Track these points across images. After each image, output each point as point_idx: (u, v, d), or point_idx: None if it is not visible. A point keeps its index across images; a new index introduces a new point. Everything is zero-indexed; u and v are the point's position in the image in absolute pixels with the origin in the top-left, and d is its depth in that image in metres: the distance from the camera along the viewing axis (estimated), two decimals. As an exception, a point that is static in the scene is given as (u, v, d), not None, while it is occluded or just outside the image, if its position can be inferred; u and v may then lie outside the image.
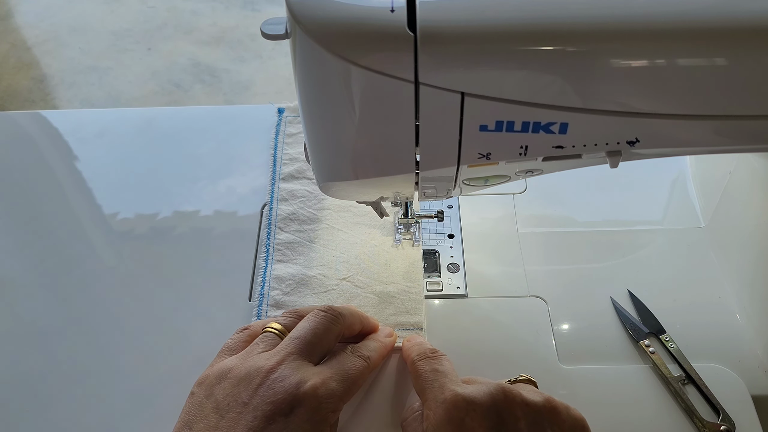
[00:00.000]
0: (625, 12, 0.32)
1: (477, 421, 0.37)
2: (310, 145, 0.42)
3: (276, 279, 0.53)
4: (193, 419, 0.39)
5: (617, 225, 0.58)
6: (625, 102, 0.34)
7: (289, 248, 0.56)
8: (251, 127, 0.67)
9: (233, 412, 0.38)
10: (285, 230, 0.57)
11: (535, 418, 0.38)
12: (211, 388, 0.40)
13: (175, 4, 2.08)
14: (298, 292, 0.53)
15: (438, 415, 0.38)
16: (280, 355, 0.40)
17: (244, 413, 0.38)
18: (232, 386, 0.40)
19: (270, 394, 0.38)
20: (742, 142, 0.38)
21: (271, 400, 0.38)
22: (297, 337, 0.42)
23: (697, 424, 0.44)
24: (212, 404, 0.39)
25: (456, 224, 0.58)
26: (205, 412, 0.39)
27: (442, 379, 0.40)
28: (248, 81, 1.83)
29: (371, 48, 0.33)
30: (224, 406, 0.39)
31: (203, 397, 0.40)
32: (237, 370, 0.40)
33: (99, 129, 0.67)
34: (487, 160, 0.38)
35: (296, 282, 0.53)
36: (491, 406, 0.38)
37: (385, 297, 0.52)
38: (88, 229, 0.59)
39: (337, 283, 0.53)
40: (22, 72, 1.88)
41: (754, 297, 0.50)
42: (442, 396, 0.39)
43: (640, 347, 0.49)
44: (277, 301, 0.52)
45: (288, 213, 0.58)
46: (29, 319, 0.52)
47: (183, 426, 0.39)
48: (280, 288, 0.53)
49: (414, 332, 0.49)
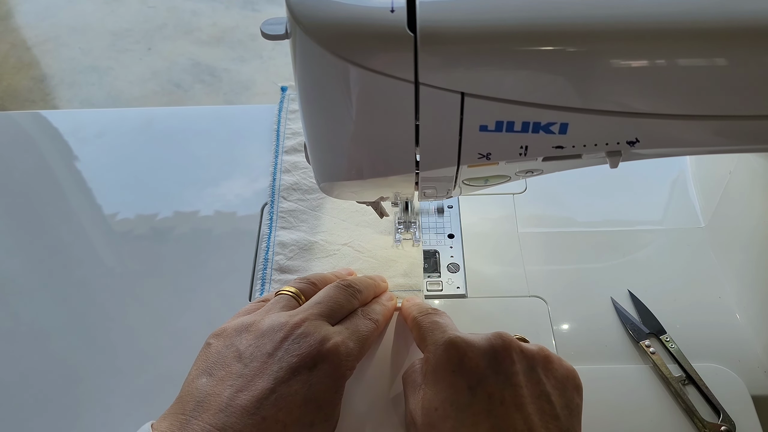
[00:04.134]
0: (625, 12, 0.32)
1: (475, 360, 0.39)
2: (310, 145, 0.42)
3: (280, 245, 0.55)
4: (213, 366, 0.40)
5: (617, 225, 0.58)
6: (625, 102, 0.34)
7: (292, 216, 0.58)
8: (251, 128, 0.67)
9: (257, 362, 0.39)
10: (288, 199, 0.59)
11: (530, 363, 0.40)
12: (230, 338, 0.41)
13: (175, 4, 2.08)
14: (301, 257, 0.55)
15: (437, 356, 0.40)
16: (303, 314, 0.42)
17: (269, 363, 0.39)
18: (255, 338, 0.41)
19: (295, 347, 0.40)
20: (742, 142, 0.38)
21: (297, 354, 0.39)
22: (319, 302, 0.44)
23: (698, 425, 0.44)
24: (233, 353, 0.40)
25: (456, 224, 0.58)
26: (227, 361, 0.40)
27: (441, 327, 0.43)
28: (248, 81, 1.83)
29: (371, 48, 0.33)
30: (247, 356, 0.40)
31: (223, 347, 0.41)
32: (259, 324, 0.42)
33: (99, 129, 0.67)
34: (487, 160, 0.38)
35: (299, 247, 0.55)
36: (489, 348, 0.40)
37: (384, 261, 0.54)
38: (88, 229, 0.59)
39: (338, 248, 0.55)
40: (22, 72, 1.88)
41: (754, 297, 0.50)
42: (441, 338, 0.41)
43: (640, 347, 0.49)
44: (281, 265, 0.54)
45: (291, 183, 0.60)
46: (29, 319, 0.52)
47: (201, 373, 0.40)
48: (284, 253, 0.55)
49: (413, 293, 0.51)
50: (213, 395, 0.38)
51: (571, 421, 0.39)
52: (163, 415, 0.39)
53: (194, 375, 0.40)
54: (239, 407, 0.37)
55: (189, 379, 0.40)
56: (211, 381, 0.39)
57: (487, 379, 0.39)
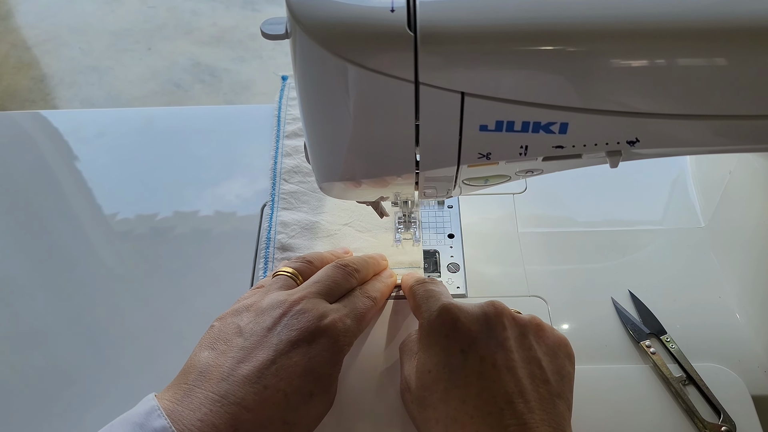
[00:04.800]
0: (625, 12, 0.32)
1: (467, 325, 0.41)
2: (310, 144, 0.42)
3: (281, 224, 0.57)
4: (215, 342, 0.41)
5: (617, 225, 0.58)
6: (625, 102, 0.34)
7: (293, 197, 0.59)
8: (251, 127, 0.67)
9: (257, 336, 0.40)
10: (289, 181, 0.60)
11: (522, 330, 0.41)
12: (231, 317, 0.43)
13: (175, 4, 2.08)
14: (303, 236, 0.56)
15: (431, 321, 0.42)
16: (302, 293, 0.43)
17: (269, 336, 0.40)
18: (255, 315, 0.42)
19: (294, 323, 0.41)
20: (742, 142, 0.38)
21: (296, 328, 0.41)
22: (317, 281, 0.45)
23: (698, 425, 0.44)
24: (234, 329, 0.41)
25: (456, 224, 0.58)
26: (228, 336, 0.41)
27: (436, 295, 0.44)
28: (248, 81, 1.83)
29: (371, 48, 0.33)
30: (248, 331, 0.41)
31: (224, 325, 0.42)
32: (258, 303, 0.43)
33: (99, 129, 0.67)
34: (487, 160, 0.38)
35: (301, 227, 0.57)
36: (481, 314, 0.41)
37: (384, 240, 0.55)
38: (88, 229, 0.59)
39: (339, 228, 0.56)
40: (22, 72, 1.88)
41: (754, 297, 0.50)
42: (436, 305, 0.42)
43: (640, 347, 0.48)
44: (283, 243, 0.55)
45: (292, 166, 0.61)
46: (29, 319, 0.52)
47: (203, 348, 0.41)
48: (286, 232, 0.56)
49: (412, 270, 0.53)
50: (215, 366, 0.39)
51: (561, 387, 0.40)
52: (166, 387, 0.40)
53: (197, 351, 0.41)
54: (241, 376, 0.38)
55: (192, 355, 0.41)
56: (212, 354, 0.40)
57: (479, 342, 0.40)
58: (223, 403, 0.37)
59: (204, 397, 0.37)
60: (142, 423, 0.36)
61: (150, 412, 0.37)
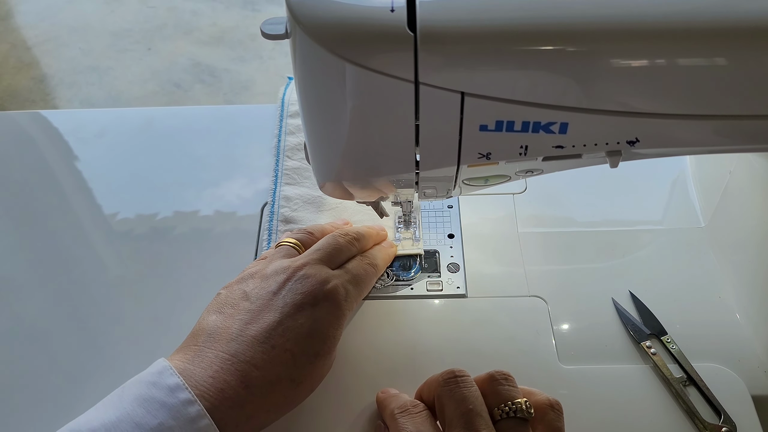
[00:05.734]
0: (625, 12, 0.32)
1: None
2: (310, 144, 0.42)
3: (284, 198, 0.59)
4: (223, 306, 0.43)
5: (617, 225, 0.58)
6: (626, 102, 0.34)
7: (296, 173, 0.61)
8: (251, 127, 0.67)
9: (263, 300, 0.42)
10: (292, 158, 0.62)
11: None
12: (237, 285, 0.45)
13: (175, 4, 2.08)
14: (305, 209, 0.58)
15: None
16: (304, 259, 0.45)
17: (274, 300, 0.42)
18: (260, 281, 0.44)
19: (298, 287, 0.43)
20: (742, 142, 0.38)
21: (301, 292, 0.42)
22: (319, 249, 0.46)
23: (699, 426, 0.44)
24: (241, 294, 0.43)
25: (456, 224, 0.58)
26: (235, 301, 0.43)
27: None
28: (248, 81, 1.83)
29: (371, 48, 0.33)
30: (254, 295, 0.43)
31: (230, 292, 0.44)
32: (263, 270, 0.45)
33: (99, 129, 0.67)
34: (487, 160, 0.38)
35: (303, 201, 0.59)
36: None
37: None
38: (87, 229, 0.59)
39: (340, 201, 0.57)
40: (22, 72, 1.88)
41: (754, 297, 0.50)
42: None
43: (641, 348, 0.48)
44: (286, 216, 0.57)
45: (295, 144, 0.63)
46: (29, 319, 0.52)
47: (210, 313, 0.43)
48: (289, 206, 0.58)
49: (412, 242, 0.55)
50: (223, 328, 0.41)
51: None
52: (175, 350, 0.41)
53: (204, 316, 0.43)
54: (249, 336, 0.40)
55: (199, 320, 0.43)
56: (220, 317, 0.42)
57: None
58: (233, 362, 0.39)
59: (214, 356, 0.39)
60: (154, 381, 0.37)
61: (162, 372, 0.38)
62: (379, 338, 0.49)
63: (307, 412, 0.45)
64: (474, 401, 0.38)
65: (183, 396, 0.36)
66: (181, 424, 0.35)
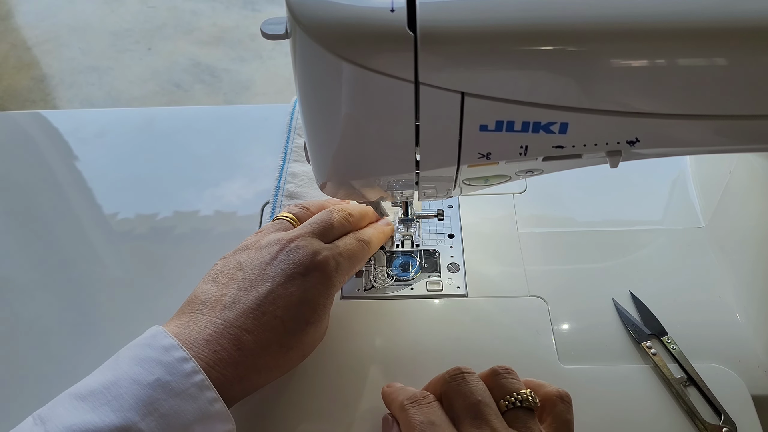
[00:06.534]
0: (625, 12, 0.32)
1: None
2: (310, 144, 0.42)
3: (291, 174, 0.61)
4: (218, 276, 0.45)
5: (617, 225, 0.58)
6: (626, 102, 0.34)
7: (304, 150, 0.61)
8: (251, 127, 0.67)
9: (256, 270, 0.44)
10: (302, 136, 0.63)
11: None
12: (233, 256, 0.46)
13: (175, 4, 2.08)
14: (310, 185, 0.60)
15: None
16: (298, 232, 0.46)
17: (267, 270, 0.44)
18: (254, 252, 0.45)
19: (290, 257, 0.44)
20: (742, 142, 0.38)
21: (292, 262, 0.44)
22: (313, 223, 0.48)
23: (699, 426, 0.44)
24: (235, 265, 0.45)
25: (456, 224, 0.58)
26: (229, 271, 0.45)
27: None
28: (248, 81, 1.83)
29: (371, 48, 0.33)
30: (248, 265, 0.44)
31: (225, 262, 0.46)
32: (257, 243, 0.46)
33: (99, 129, 0.67)
34: (487, 160, 0.38)
35: (309, 177, 0.60)
36: None
37: None
38: (88, 229, 0.59)
39: None
40: (22, 72, 1.88)
41: (754, 297, 0.50)
42: None
43: (641, 348, 0.48)
44: (291, 192, 0.59)
45: None
46: (29, 319, 0.52)
47: (206, 283, 0.44)
48: (295, 182, 0.60)
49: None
50: (217, 296, 0.43)
51: None
52: (170, 318, 0.43)
53: (199, 285, 0.45)
54: (242, 304, 0.42)
55: (195, 289, 0.44)
56: (215, 286, 0.44)
57: None
58: (227, 326, 0.41)
59: (208, 322, 0.41)
60: (149, 343, 0.39)
61: (155, 335, 0.39)
62: (379, 338, 0.49)
63: (308, 412, 0.45)
64: (482, 393, 0.39)
65: (178, 354, 0.38)
66: (177, 379, 0.37)
